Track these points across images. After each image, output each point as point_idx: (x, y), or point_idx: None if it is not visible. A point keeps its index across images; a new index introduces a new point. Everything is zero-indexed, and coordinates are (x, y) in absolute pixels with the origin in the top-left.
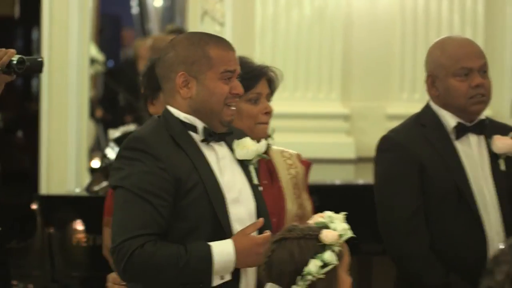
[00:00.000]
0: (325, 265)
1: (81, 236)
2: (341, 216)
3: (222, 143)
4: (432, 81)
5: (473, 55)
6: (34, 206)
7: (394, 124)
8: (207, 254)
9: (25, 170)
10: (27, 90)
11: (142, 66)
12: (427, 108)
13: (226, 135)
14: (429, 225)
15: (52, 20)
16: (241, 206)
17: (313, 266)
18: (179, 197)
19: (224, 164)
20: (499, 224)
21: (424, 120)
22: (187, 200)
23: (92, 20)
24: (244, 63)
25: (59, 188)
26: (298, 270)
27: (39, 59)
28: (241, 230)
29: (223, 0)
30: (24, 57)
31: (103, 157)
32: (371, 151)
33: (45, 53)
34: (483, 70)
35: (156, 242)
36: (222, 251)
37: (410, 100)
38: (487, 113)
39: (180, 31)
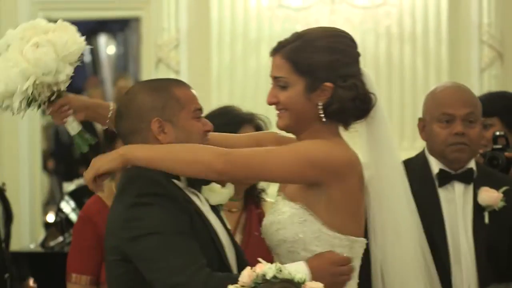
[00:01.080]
0: None
1: None
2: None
3: None
4: (423, 126)
5: (457, 103)
6: None
7: None
8: None
9: None
10: None
11: None
12: (419, 154)
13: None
14: None
15: None
16: (228, 251)
17: None
18: None
19: (206, 210)
20: (472, 277)
21: (413, 166)
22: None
23: None
24: (229, 110)
25: (13, 244)
26: None
27: None
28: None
29: (178, 48)
30: None
31: (58, 211)
32: None
33: None
34: (469, 119)
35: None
36: (297, 269)
37: None
38: None
39: None
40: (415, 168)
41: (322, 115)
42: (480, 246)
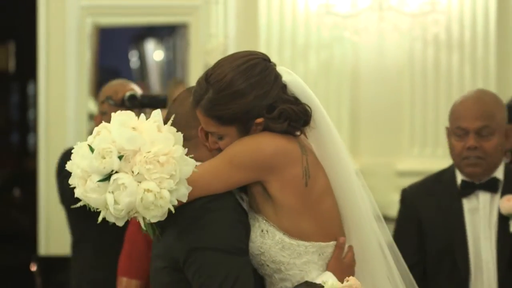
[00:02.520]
0: None
1: None
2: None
3: None
4: (449, 136)
5: (469, 116)
6: (33, 268)
7: (405, 180)
8: None
9: (23, 230)
10: (24, 146)
11: None
12: (451, 165)
13: None
14: (425, 282)
15: (48, 74)
16: None
17: None
18: None
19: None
20: (493, 286)
21: (443, 176)
22: None
23: (90, 73)
24: None
25: (59, 248)
26: None
27: (162, 97)
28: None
29: (226, 54)
30: (135, 93)
31: None
32: (381, 209)
33: (42, 108)
34: (482, 133)
35: None
36: (327, 278)
37: (421, 156)
38: None
39: None
40: (444, 179)
41: None
42: (503, 256)
